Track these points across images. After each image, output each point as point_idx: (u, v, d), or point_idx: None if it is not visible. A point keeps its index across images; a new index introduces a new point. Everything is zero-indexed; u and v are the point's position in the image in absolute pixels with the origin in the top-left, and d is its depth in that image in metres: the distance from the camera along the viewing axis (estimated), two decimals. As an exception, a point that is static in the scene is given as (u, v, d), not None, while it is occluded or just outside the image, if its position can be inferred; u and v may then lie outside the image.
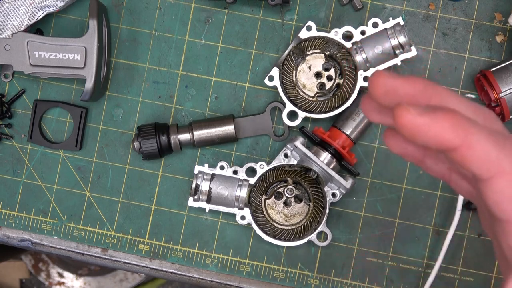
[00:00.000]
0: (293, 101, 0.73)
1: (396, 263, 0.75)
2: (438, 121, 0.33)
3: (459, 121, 0.33)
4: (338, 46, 0.72)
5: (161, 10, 0.77)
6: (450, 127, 0.33)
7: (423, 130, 0.33)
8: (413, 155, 0.43)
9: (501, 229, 0.36)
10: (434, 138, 0.33)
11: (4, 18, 0.72)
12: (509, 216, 0.35)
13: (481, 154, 0.34)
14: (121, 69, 0.77)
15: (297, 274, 0.76)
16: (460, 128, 0.33)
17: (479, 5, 0.75)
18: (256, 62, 0.77)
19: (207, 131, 0.74)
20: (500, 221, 0.36)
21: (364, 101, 0.40)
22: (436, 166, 0.43)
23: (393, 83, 0.37)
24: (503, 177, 0.34)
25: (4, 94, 0.77)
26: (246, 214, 0.72)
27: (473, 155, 0.34)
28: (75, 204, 0.77)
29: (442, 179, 0.45)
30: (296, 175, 0.72)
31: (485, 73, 0.72)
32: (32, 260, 1.69)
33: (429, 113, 0.33)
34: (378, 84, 0.37)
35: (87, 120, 0.77)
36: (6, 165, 0.77)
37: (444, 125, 0.33)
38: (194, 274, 0.77)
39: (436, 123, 0.33)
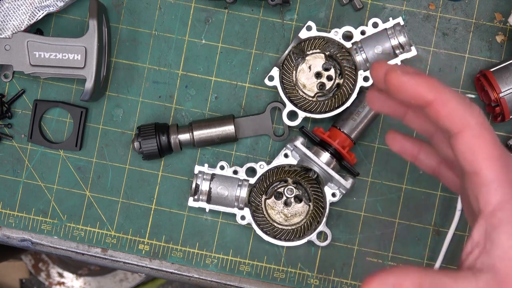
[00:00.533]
0: (293, 101, 0.73)
1: (396, 263, 0.75)
2: (417, 80, 0.42)
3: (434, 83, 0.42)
4: (338, 46, 0.72)
5: (161, 10, 0.77)
6: (426, 85, 0.42)
7: (405, 85, 0.42)
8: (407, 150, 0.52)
9: (469, 182, 0.42)
10: (413, 92, 0.42)
11: (4, 18, 0.73)
12: (474, 167, 0.41)
13: (450, 109, 0.41)
14: (121, 69, 0.77)
15: (297, 274, 0.76)
16: (434, 87, 0.42)
17: (479, 5, 0.75)
18: (256, 62, 0.77)
19: (207, 131, 0.74)
20: (468, 175, 0.42)
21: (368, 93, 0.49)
22: (427, 160, 0.52)
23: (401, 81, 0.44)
24: (468, 131, 0.41)
25: (4, 94, 0.77)
26: (246, 214, 0.72)
27: (444, 110, 0.41)
28: (75, 204, 0.77)
29: (433, 174, 0.53)
30: (296, 175, 0.72)
31: (485, 73, 0.72)
32: (32, 260, 1.69)
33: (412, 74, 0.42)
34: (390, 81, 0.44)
35: (87, 120, 0.77)
36: (6, 165, 0.77)
37: (421, 84, 0.42)
38: (194, 274, 0.77)
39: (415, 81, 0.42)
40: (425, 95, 0.42)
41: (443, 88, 0.42)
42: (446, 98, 0.41)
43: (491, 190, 0.41)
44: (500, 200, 0.41)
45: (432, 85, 0.42)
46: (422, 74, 0.43)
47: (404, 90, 0.42)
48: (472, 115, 0.41)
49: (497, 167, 0.41)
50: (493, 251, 0.41)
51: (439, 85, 0.42)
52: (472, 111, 0.41)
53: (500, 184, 0.41)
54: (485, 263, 0.41)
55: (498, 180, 0.41)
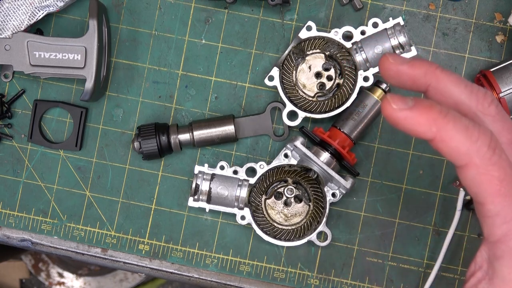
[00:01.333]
0: (293, 101, 0.73)
1: (396, 263, 0.75)
2: (415, 116, 0.39)
3: (434, 117, 0.39)
4: (338, 46, 0.72)
5: (161, 10, 0.77)
6: (425, 122, 0.39)
7: (402, 122, 0.39)
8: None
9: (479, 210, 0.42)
10: (411, 130, 0.39)
11: (4, 18, 0.73)
12: (480, 199, 0.41)
13: (452, 147, 0.39)
14: (121, 69, 0.77)
15: (297, 274, 0.76)
16: (433, 123, 0.39)
17: (479, 5, 0.75)
18: (256, 62, 0.77)
19: (207, 131, 0.74)
20: (476, 203, 0.41)
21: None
22: None
23: (398, 69, 0.43)
24: (473, 168, 0.40)
25: (4, 94, 0.77)
26: (246, 214, 0.72)
27: (445, 147, 0.39)
28: (75, 204, 0.77)
29: None
30: (296, 175, 0.72)
31: (485, 73, 0.72)
32: (32, 260, 1.70)
33: (408, 109, 0.39)
34: (385, 69, 0.43)
35: (87, 120, 0.77)
36: (6, 165, 0.77)
37: (419, 120, 0.39)
38: (194, 274, 0.77)
39: (413, 118, 0.39)
40: (423, 133, 0.39)
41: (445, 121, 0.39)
42: (447, 135, 0.39)
43: (495, 223, 0.41)
44: (504, 234, 0.41)
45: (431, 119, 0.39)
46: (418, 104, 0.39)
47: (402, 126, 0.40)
48: (477, 152, 0.39)
49: (503, 202, 0.40)
50: (495, 280, 0.42)
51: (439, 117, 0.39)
52: (478, 147, 0.39)
53: (505, 219, 0.41)
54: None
55: (503, 215, 0.41)
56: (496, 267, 0.42)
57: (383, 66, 0.44)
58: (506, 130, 0.43)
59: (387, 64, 0.43)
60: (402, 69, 0.43)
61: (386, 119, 0.40)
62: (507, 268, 0.42)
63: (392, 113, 0.39)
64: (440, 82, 0.43)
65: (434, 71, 0.43)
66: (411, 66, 0.43)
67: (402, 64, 0.43)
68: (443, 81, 0.42)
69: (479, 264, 0.43)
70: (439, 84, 0.43)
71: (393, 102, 0.39)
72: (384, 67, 0.43)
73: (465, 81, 0.43)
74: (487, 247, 0.43)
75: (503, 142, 0.42)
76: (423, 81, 0.43)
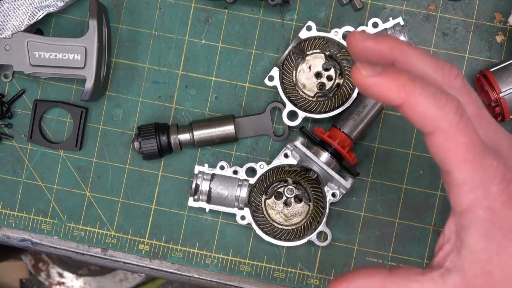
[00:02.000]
0: (293, 101, 0.73)
1: (396, 263, 0.75)
2: (384, 82, 0.40)
3: (402, 82, 0.39)
4: (338, 46, 0.72)
5: (161, 10, 0.77)
6: (393, 87, 0.39)
7: (371, 88, 0.40)
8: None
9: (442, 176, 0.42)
10: (380, 96, 0.40)
11: (4, 18, 0.73)
12: (446, 168, 0.41)
13: (420, 113, 0.39)
14: (121, 69, 0.77)
15: (297, 274, 0.76)
16: (402, 89, 0.39)
17: (479, 5, 0.75)
18: (256, 62, 0.77)
19: (207, 131, 0.74)
20: (441, 170, 0.42)
21: None
22: None
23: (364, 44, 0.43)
24: (440, 134, 0.40)
25: (4, 94, 0.77)
26: (246, 214, 0.72)
27: (413, 113, 0.40)
28: (75, 204, 0.77)
29: None
30: (296, 175, 0.72)
31: (485, 73, 0.72)
32: (32, 260, 1.69)
33: (377, 75, 0.40)
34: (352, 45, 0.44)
35: (87, 120, 0.77)
36: (6, 165, 0.77)
37: (388, 86, 0.40)
38: (194, 274, 0.77)
39: (382, 84, 0.40)
40: (392, 98, 0.40)
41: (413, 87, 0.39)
42: (415, 100, 0.39)
43: (461, 191, 0.41)
44: (470, 203, 0.41)
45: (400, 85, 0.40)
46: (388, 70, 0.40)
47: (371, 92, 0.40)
48: (444, 117, 0.39)
49: (469, 170, 0.40)
50: (463, 251, 0.42)
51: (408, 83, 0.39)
52: (445, 112, 0.39)
53: (471, 186, 0.40)
54: (454, 263, 0.42)
55: (469, 183, 0.40)
56: (464, 238, 0.41)
57: (350, 42, 0.44)
58: (472, 103, 0.43)
59: (354, 40, 0.44)
60: (368, 45, 0.43)
61: (356, 86, 0.41)
62: (475, 238, 0.41)
63: (361, 79, 0.40)
64: (406, 56, 0.43)
65: (399, 45, 0.43)
66: (377, 41, 0.43)
67: (368, 40, 0.43)
68: (409, 55, 0.43)
69: (447, 237, 0.43)
70: (405, 58, 0.43)
71: (362, 69, 0.40)
72: (351, 43, 0.44)
73: (430, 55, 0.43)
74: (454, 218, 0.42)
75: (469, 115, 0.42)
76: (389, 56, 0.43)
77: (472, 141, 0.40)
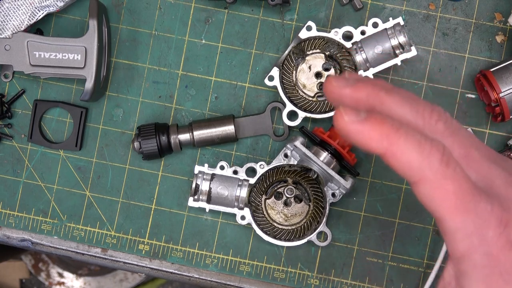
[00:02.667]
0: (293, 101, 0.73)
1: (396, 263, 0.75)
2: (366, 130, 0.38)
3: (385, 131, 0.38)
4: (338, 46, 0.72)
5: (161, 10, 0.77)
6: (376, 136, 0.38)
7: (353, 135, 0.38)
8: None
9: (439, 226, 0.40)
10: (362, 144, 0.38)
11: (4, 18, 0.73)
12: (437, 215, 0.39)
13: (404, 162, 0.38)
14: (121, 69, 0.77)
15: (297, 274, 0.76)
16: (385, 138, 0.38)
17: (479, 5, 0.75)
18: (256, 62, 0.77)
19: (207, 131, 0.74)
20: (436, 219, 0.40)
21: None
22: None
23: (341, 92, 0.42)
24: (426, 183, 0.38)
25: (4, 94, 0.77)
26: (246, 214, 0.72)
27: (396, 163, 0.38)
28: (75, 204, 0.77)
29: None
30: (296, 175, 0.72)
31: (485, 73, 0.72)
32: (32, 260, 1.70)
33: (359, 122, 0.38)
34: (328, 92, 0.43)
35: (87, 120, 0.77)
36: (6, 165, 0.77)
37: (370, 134, 0.38)
38: (194, 274, 0.77)
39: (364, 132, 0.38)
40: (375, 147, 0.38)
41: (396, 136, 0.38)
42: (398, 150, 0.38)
43: (456, 239, 0.39)
44: (467, 249, 0.39)
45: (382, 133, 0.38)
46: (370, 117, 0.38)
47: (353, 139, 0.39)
48: (429, 166, 0.38)
49: (462, 217, 0.39)
50: None
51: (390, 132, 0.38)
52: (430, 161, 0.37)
53: (466, 233, 0.39)
54: None
55: (463, 230, 0.39)
56: (463, 284, 0.40)
57: (326, 89, 0.43)
58: (457, 144, 0.41)
59: (330, 88, 0.42)
60: (344, 93, 0.42)
61: (338, 131, 0.39)
62: (474, 282, 0.40)
63: (344, 125, 0.39)
64: (384, 104, 0.41)
65: (377, 93, 0.41)
66: (354, 89, 0.42)
67: (344, 87, 0.42)
68: (387, 103, 0.41)
69: (447, 281, 0.42)
70: (383, 106, 0.41)
71: (345, 114, 0.39)
72: (327, 90, 0.43)
73: (410, 100, 0.41)
74: (453, 264, 0.41)
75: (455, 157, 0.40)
76: (366, 104, 0.42)
77: (462, 188, 0.38)
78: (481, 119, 0.75)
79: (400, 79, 0.76)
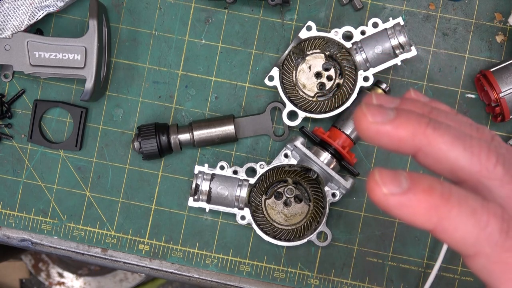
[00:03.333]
0: (293, 101, 0.73)
1: (396, 263, 0.75)
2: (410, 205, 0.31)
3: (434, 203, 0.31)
4: (338, 46, 0.72)
5: (161, 10, 0.77)
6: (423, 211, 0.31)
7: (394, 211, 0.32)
8: None
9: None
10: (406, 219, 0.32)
11: (4, 18, 0.73)
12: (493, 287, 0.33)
13: (457, 238, 0.32)
14: (121, 69, 0.77)
15: (297, 274, 0.76)
16: (434, 212, 0.31)
17: (479, 5, 0.75)
18: (256, 62, 0.77)
19: (207, 131, 0.74)
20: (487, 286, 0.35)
21: None
22: None
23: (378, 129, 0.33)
24: (483, 258, 0.33)
25: (4, 94, 0.77)
26: (246, 214, 0.72)
27: (449, 239, 0.32)
28: (75, 204, 0.77)
29: None
30: (296, 175, 0.72)
31: (485, 73, 0.72)
32: (32, 260, 1.69)
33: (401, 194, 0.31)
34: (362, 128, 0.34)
35: (87, 120, 0.77)
36: (6, 165, 0.77)
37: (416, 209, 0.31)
38: (194, 274, 0.77)
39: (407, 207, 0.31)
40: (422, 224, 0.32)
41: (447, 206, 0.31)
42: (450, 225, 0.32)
43: None
44: None
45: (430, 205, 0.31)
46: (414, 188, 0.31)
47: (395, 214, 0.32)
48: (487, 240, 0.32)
49: None
50: None
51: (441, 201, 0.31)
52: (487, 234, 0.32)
53: None
54: None
55: None
56: None
57: (359, 124, 0.34)
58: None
59: (365, 124, 0.33)
60: (383, 130, 0.33)
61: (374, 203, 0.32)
62: None
63: (381, 199, 0.31)
64: (433, 145, 0.34)
65: (424, 131, 0.33)
66: (395, 127, 0.33)
67: (383, 125, 0.33)
68: (436, 143, 0.34)
69: None
70: (431, 148, 0.34)
71: (383, 184, 0.31)
72: (361, 127, 0.33)
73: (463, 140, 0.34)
74: None
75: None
76: (411, 144, 0.34)
77: None
78: (481, 119, 0.75)
79: (400, 79, 0.76)
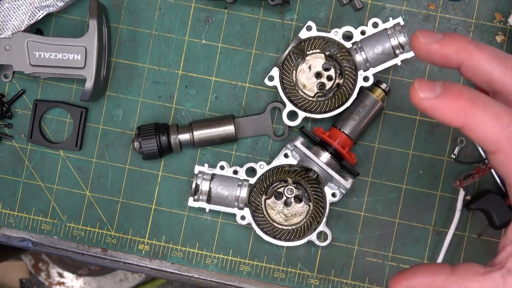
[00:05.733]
0: (293, 101, 0.73)
1: (396, 263, 0.75)
2: (443, 105, 0.39)
3: (461, 105, 0.38)
4: (338, 46, 0.72)
5: (161, 10, 0.77)
6: (453, 110, 0.38)
7: (429, 111, 0.39)
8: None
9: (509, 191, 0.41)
10: (439, 118, 0.39)
11: (4, 18, 0.73)
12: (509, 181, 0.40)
13: (481, 135, 0.38)
14: (121, 69, 0.77)
15: (297, 274, 0.76)
16: (461, 112, 0.38)
17: (479, 5, 0.75)
18: (256, 62, 0.77)
19: (207, 131, 0.74)
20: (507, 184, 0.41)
21: None
22: None
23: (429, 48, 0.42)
24: (502, 154, 0.39)
25: (4, 94, 0.77)
26: (246, 214, 0.72)
27: (474, 135, 0.39)
28: (75, 204, 0.77)
29: None
30: (296, 175, 0.72)
31: (485, 73, 0.72)
32: (32, 260, 1.70)
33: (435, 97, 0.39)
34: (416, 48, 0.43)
35: (87, 120, 0.77)
36: (6, 165, 0.77)
37: (447, 110, 0.38)
38: (194, 274, 0.77)
39: (440, 107, 0.39)
40: (452, 121, 0.39)
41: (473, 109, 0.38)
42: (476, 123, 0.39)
43: None
44: None
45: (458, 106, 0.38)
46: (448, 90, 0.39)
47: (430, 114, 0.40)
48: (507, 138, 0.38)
49: None
50: None
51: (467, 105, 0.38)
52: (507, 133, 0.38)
53: None
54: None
55: None
56: None
57: (414, 45, 0.43)
58: None
59: (417, 44, 0.43)
60: (432, 48, 0.42)
61: (415, 106, 0.40)
62: None
63: (419, 102, 0.39)
64: (473, 59, 0.42)
65: (465, 47, 0.42)
66: (442, 44, 0.42)
67: (433, 43, 0.42)
68: (476, 58, 0.42)
69: (510, 239, 0.43)
70: (471, 62, 0.42)
71: (420, 90, 0.39)
72: (416, 47, 0.43)
73: (499, 56, 0.42)
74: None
75: None
76: (455, 59, 0.42)
77: None
78: (481, 119, 0.75)
79: (400, 79, 0.76)
